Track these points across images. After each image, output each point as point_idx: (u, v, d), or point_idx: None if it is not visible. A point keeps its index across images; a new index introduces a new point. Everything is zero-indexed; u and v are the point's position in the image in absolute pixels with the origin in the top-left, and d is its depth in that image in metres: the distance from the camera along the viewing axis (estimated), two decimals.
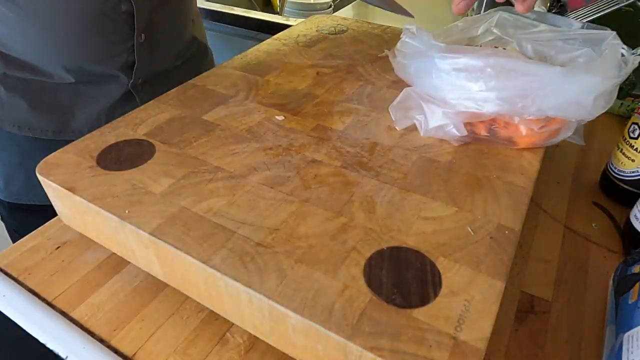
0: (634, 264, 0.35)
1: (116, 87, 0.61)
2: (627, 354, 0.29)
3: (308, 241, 0.31)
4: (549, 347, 0.34)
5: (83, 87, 0.58)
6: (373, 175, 0.37)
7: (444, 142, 0.41)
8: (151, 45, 0.60)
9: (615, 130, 0.61)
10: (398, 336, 0.25)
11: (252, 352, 0.33)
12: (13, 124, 0.57)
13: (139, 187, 0.35)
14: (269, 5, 1.39)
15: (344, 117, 0.44)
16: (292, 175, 0.37)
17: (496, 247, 0.30)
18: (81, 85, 0.58)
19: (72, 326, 0.34)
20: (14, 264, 0.39)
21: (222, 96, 0.48)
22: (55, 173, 0.37)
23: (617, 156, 0.47)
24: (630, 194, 0.46)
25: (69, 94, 0.58)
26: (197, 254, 0.30)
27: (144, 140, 0.40)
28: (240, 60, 0.55)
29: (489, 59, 0.37)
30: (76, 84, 0.57)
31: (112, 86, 0.60)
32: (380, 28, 0.66)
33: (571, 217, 0.46)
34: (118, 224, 0.33)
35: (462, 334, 0.25)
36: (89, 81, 0.58)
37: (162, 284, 0.37)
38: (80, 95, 0.58)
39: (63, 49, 0.55)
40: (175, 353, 0.33)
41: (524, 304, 0.37)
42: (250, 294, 0.28)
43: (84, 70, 0.57)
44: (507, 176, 0.37)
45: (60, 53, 0.55)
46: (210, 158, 0.38)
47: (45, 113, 0.57)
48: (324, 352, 0.27)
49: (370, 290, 0.27)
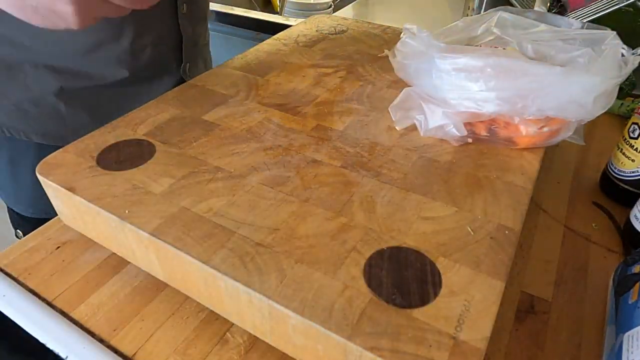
0: (634, 264, 0.35)
1: (168, 79, 0.61)
2: (627, 354, 0.29)
3: (308, 241, 0.31)
4: (549, 347, 0.34)
5: (137, 87, 0.59)
6: (373, 175, 0.37)
7: (444, 142, 0.41)
8: (191, 17, 0.60)
9: (615, 130, 0.61)
10: (398, 336, 0.25)
11: (252, 352, 0.33)
12: (77, 137, 0.57)
13: (139, 187, 0.35)
14: (269, 5, 1.39)
15: (344, 117, 0.44)
16: (292, 175, 0.37)
17: (496, 247, 0.30)
18: (136, 84, 0.58)
19: (72, 326, 0.34)
20: (14, 264, 0.39)
21: (222, 96, 0.48)
22: (55, 173, 0.37)
23: (617, 156, 0.47)
24: (630, 194, 0.46)
25: (126, 97, 0.58)
26: (197, 254, 0.30)
27: (144, 140, 0.40)
28: (240, 60, 0.55)
29: (489, 59, 0.37)
30: (131, 83, 0.57)
31: (164, 79, 0.61)
32: (380, 28, 0.66)
33: (571, 217, 0.46)
34: (118, 224, 0.33)
35: (462, 334, 0.25)
36: (143, 78, 0.58)
37: (162, 284, 0.37)
38: (137, 97, 0.58)
39: (113, 41, 0.54)
40: (175, 353, 0.33)
41: (524, 304, 0.37)
42: (250, 294, 0.28)
43: (136, 60, 0.56)
44: (507, 176, 0.37)
45: (110, 45, 0.54)
46: (210, 158, 0.38)
47: (106, 121, 0.57)
48: (324, 352, 0.27)
49: (370, 290, 0.27)
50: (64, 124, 0.57)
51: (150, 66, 0.59)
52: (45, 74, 0.54)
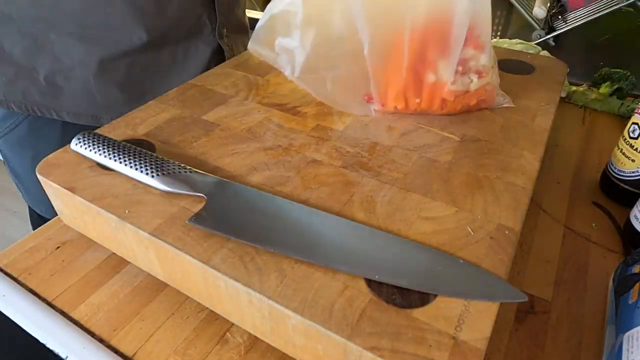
0: (634, 264, 0.35)
1: (204, 47, 0.58)
2: (627, 354, 0.29)
3: None
4: (549, 347, 0.34)
5: (167, 56, 0.55)
6: (373, 175, 0.37)
7: (443, 142, 0.41)
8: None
9: (615, 130, 0.61)
10: (398, 336, 0.25)
11: (252, 352, 0.33)
12: (110, 117, 0.51)
13: (139, 187, 0.35)
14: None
15: (344, 117, 0.44)
16: (292, 175, 0.37)
17: (496, 247, 0.30)
18: (165, 51, 0.55)
19: (72, 326, 0.34)
20: (14, 264, 0.39)
21: (222, 96, 0.48)
22: (55, 173, 0.37)
23: (617, 156, 0.47)
24: (630, 194, 0.46)
25: (157, 70, 0.55)
26: (197, 254, 0.30)
27: (144, 140, 0.40)
28: (240, 60, 0.55)
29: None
30: (158, 49, 0.54)
31: (199, 47, 0.58)
32: None
33: (571, 217, 0.46)
34: (118, 224, 0.33)
35: (462, 334, 0.25)
36: (171, 41, 0.55)
37: (162, 284, 0.37)
38: (169, 69, 0.55)
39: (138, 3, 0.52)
40: (175, 353, 0.33)
41: (524, 304, 0.37)
42: (250, 294, 0.28)
43: (159, 16, 0.53)
44: (507, 176, 0.37)
45: (136, 10, 0.52)
46: (210, 158, 0.38)
47: (139, 98, 0.51)
48: (324, 352, 0.27)
49: (370, 290, 0.27)
50: (95, 101, 0.55)
51: (175, 27, 0.55)
52: (70, 41, 0.52)
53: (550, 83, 0.50)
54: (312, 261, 0.28)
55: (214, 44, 0.60)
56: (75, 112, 0.56)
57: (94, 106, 0.56)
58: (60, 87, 0.54)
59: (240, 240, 0.30)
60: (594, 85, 0.68)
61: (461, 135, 0.41)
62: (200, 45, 0.59)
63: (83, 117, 0.56)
